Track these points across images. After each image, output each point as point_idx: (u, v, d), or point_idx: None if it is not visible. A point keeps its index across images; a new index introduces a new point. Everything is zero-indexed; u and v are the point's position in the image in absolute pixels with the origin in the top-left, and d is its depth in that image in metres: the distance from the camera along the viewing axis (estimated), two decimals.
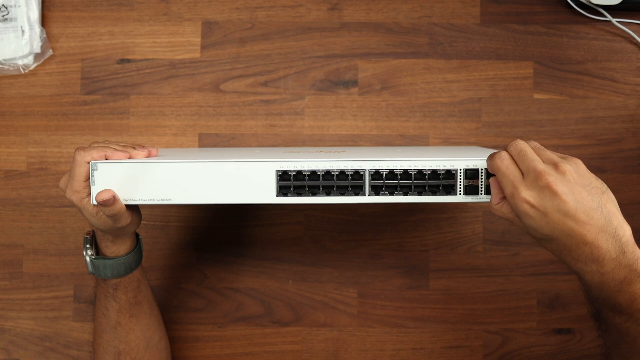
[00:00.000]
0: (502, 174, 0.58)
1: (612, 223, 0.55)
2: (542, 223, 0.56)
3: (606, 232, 0.55)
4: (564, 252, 0.57)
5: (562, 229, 0.55)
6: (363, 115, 0.93)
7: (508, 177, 0.58)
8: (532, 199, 0.56)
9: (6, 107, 0.94)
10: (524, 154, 0.58)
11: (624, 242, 0.55)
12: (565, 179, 0.55)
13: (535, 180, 0.56)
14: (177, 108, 0.93)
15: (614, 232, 0.55)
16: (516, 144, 0.59)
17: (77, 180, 0.64)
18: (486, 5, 0.94)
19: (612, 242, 0.55)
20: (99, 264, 0.71)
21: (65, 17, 0.95)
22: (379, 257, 0.92)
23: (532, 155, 0.58)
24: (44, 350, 0.92)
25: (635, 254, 0.55)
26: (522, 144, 0.59)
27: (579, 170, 0.57)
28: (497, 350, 0.90)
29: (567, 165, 0.56)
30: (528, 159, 0.57)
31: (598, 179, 0.58)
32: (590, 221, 0.55)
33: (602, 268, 0.55)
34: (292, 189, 0.64)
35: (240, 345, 0.91)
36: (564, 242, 0.56)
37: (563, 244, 0.56)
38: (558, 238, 0.56)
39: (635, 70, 0.92)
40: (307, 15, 0.94)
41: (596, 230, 0.55)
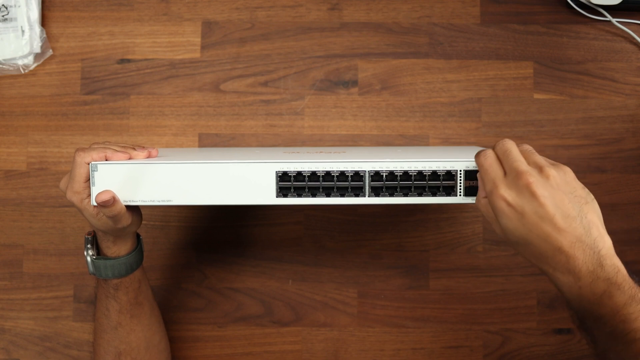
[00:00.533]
0: (485, 171, 0.58)
1: (592, 234, 0.54)
2: (519, 224, 0.55)
3: (584, 243, 0.53)
4: (540, 258, 0.55)
5: (538, 233, 0.54)
6: (363, 115, 0.93)
7: (489, 174, 0.57)
8: (510, 197, 0.55)
9: (6, 107, 0.94)
10: (509, 153, 0.57)
11: (603, 255, 0.53)
12: (547, 183, 0.55)
13: (515, 179, 0.55)
14: (177, 108, 0.93)
15: (592, 244, 0.53)
16: (503, 143, 0.59)
17: (77, 182, 0.64)
18: (486, 5, 0.94)
19: (589, 253, 0.53)
20: (100, 264, 0.71)
21: (65, 17, 0.95)
22: (379, 257, 0.92)
23: (517, 156, 0.57)
24: (44, 350, 0.92)
25: (615, 266, 0.53)
26: (509, 144, 0.58)
27: (565, 178, 0.56)
28: (497, 350, 0.90)
29: (552, 170, 0.55)
30: (512, 158, 0.57)
31: (585, 189, 0.57)
32: (567, 229, 0.53)
33: (579, 280, 0.53)
34: (292, 190, 0.64)
35: (240, 345, 0.91)
36: (540, 247, 0.54)
37: (539, 250, 0.54)
38: (533, 242, 0.54)
39: (635, 70, 0.92)
40: (307, 15, 0.94)
41: (573, 239, 0.53)
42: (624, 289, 0.52)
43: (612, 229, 0.90)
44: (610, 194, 0.91)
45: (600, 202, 0.90)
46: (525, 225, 0.54)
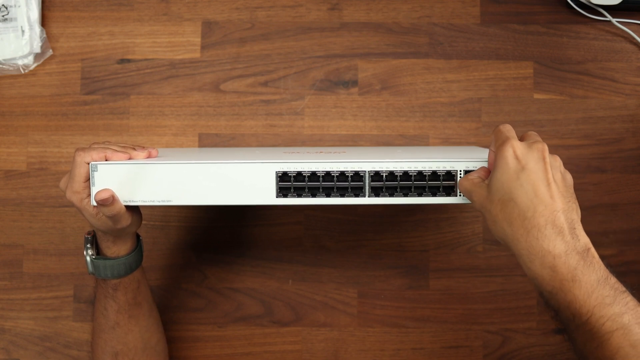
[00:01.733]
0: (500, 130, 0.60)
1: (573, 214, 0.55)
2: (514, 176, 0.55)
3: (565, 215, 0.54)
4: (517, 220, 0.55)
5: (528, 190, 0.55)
6: (363, 115, 0.93)
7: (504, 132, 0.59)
8: (520, 151, 0.56)
9: (6, 107, 0.94)
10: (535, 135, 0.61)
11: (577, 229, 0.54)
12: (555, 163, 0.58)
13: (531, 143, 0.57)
14: (177, 108, 0.93)
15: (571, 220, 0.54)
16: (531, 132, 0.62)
17: (77, 181, 0.64)
18: (486, 5, 0.93)
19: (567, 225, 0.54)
20: (99, 264, 0.71)
21: (65, 17, 0.95)
22: (379, 257, 0.92)
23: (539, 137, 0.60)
24: (44, 350, 0.92)
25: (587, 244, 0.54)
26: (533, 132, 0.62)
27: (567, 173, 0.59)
28: (497, 350, 0.90)
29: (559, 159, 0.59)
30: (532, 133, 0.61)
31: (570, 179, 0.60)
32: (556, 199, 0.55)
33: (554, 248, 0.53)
34: (292, 190, 0.64)
35: (240, 345, 0.91)
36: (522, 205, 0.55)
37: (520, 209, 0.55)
38: (518, 199, 0.55)
39: (635, 70, 0.92)
40: (307, 15, 0.94)
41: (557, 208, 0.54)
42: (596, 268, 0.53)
43: (612, 229, 0.91)
44: (610, 194, 0.91)
45: (600, 202, 0.91)
46: (520, 178, 0.55)
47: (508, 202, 0.56)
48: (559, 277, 0.53)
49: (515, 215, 0.55)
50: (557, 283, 0.53)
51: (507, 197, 0.56)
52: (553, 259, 0.53)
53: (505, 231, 0.56)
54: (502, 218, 0.56)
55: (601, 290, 0.52)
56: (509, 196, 0.56)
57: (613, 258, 0.90)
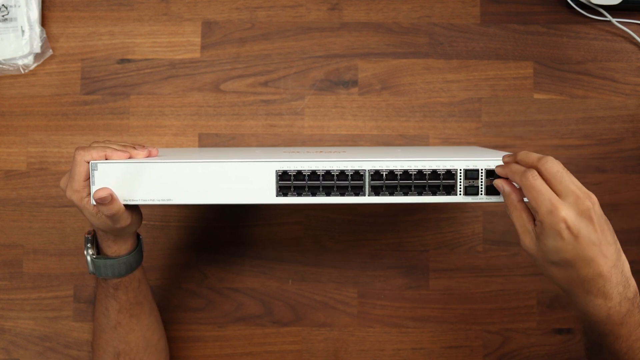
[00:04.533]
0: (538, 192, 0.57)
1: (621, 259, 0.57)
2: (570, 247, 0.56)
3: (617, 267, 0.57)
4: (576, 281, 0.57)
5: (584, 257, 0.56)
6: (363, 115, 0.93)
7: (544, 194, 0.57)
8: (570, 219, 0.55)
9: (6, 107, 0.94)
10: (562, 175, 0.57)
11: (628, 277, 0.57)
12: (596, 209, 0.57)
13: (576, 203, 0.56)
14: (177, 108, 0.93)
15: (622, 267, 0.57)
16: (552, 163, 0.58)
17: (77, 180, 0.64)
18: (486, 5, 0.94)
19: (620, 277, 0.57)
20: (100, 264, 0.71)
21: (65, 17, 0.95)
22: (379, 257, 0.92)
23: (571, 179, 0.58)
24: (44, 350, 0.92)
25: (634, 287, 0.58)
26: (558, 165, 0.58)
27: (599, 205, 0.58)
28: (497, 350, 0.90)
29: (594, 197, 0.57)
30: (567, 180, 0.57)
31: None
32: (608, 254, 0.56)
33: (610, 302, 0.56)
34: (292, 189, 0.64)
35: (240, 345, 0.91)
36: (580, 270, 0.56)
37: (578, 273, 0.56)
38: (576, 265, 0.56)
39: (635, 70, 0.92)
40: (307, 15, 0.94)
41: (611, 264, 0.56)
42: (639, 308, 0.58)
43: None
44: (610, 194, 0.91)
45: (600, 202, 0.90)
46: (576, 248, 0.56)
47: (566, 267, 0.57)
48: (610, 324, 0.57)
49: (575, 278, 0.57)
50: (609, 327, 0.58)
51: (564, 263, 0.57)
52: (608, 310, 0.57)
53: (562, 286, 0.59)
54: (559, 277, 0.58)
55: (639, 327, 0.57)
56: (567, 263, 0.57)
57: None
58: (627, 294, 0.57)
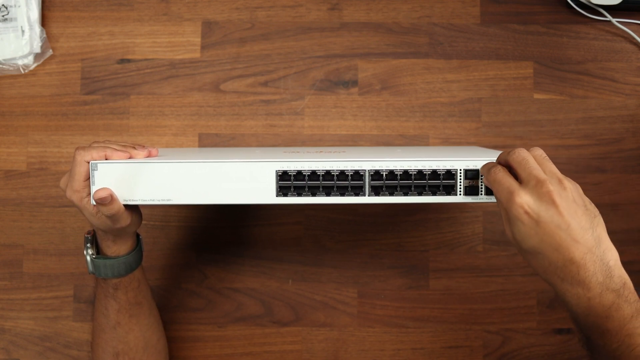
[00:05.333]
0: (499, 183, 0.57)
1: (601, 246, 0.55)
2: (532, 232, 0.55)
3: (594, 254, 0.54)
4: (549, 269, 0.55)
5: (551, 242, 0.54)
6: (363, 115, 0.93)
7: (503, 184, 0.57)
8: (528, 204, 0.55)
9: (6, 107, 0.94)
10: (526, 162, 0.57)
11: (611, 267, 0.54)
12: (565, 194, 0.55)
13: (535, 187, 0.55)
14: (177, 108, 0.93)
15: (602, 255, 0.54)
16: (518, 152, 0.58)
17: (77, 180, 0.64)
18: (486, 5, 0.94)
19: (599, 265, 0.54)
20: (99, 264, 0.71)
21: (65, 17, 0.95)
22: (379, 257, 0.92)
23: (534, 164, 0.57)
24: (44, 350, 0.92)
25: (622, 278, 0.54)
26: (524, 153, 0.58)
27: (578, 191, 0.57)
28: (497, 350, 0.90)
29: (568, 182, 0.56)
30: (529, 166, 0.57)
31: (592, 204, 0.57)
32: (581, 240, 0.54)
33: (588, 292, 0.54)
34: (292, 189, 0.64)
35: (240, 345, 0.91)
36: (551, 257, 0.54)
37: (549, 260, 0.55)
38: (545, 252, 0.55)
39: (635, 70, 0.92)
40: (307, 15, 0.94)
41: (585, 250, 0.54)
42: (631, 302, 0.54)
43: (612, 229, 0.90)
44: (610, 194, 0.91)
45: (600, 202, 0.91)
46: (539, 233, 0.54)
47: (536, 254, 0.56)
48: (593, 315, 0.54)
49: (547, 265, 0.55)
50: (591, 319, 0.54)
51: (533, 250, 0.55)
52: (588, 301, 0.54)
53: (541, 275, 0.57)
54: (535, 266, 0.57)
55: (634, 323, 0.53)
56: (535, 250, 0.55)
57: None
58: (609, 285, 0.53)
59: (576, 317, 0.56)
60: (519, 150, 0.59)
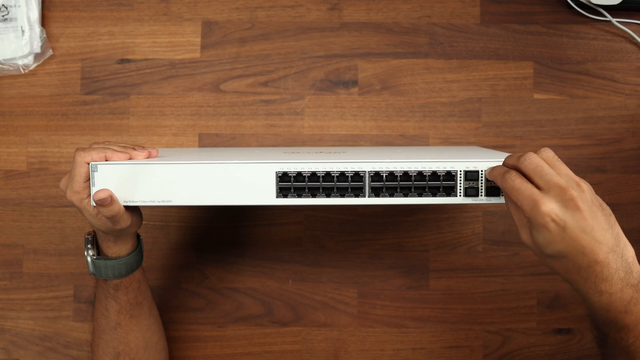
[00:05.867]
0: (518, 191, 0.57)
1: (620, 243, 0.56)
2: (558, 238, 0.55)
3: (615, 252, 0.55)
4: (572, 270, 0.56)
5: (576, 246, 0.55)
6: (363, 115, 0.93)
7: (524, 193, 0.57)
8: (554, 212, 0.55)
9: (6, 107, 0.94)
10: (541, 169, 0.57)
11: (630, 262, 0.56)
12: (584, 196, 0.56)
13: (559, 194, 0.55)
14: (177, 108, 0.93)
15: (621, 252, 0.56)
16: (530, 159, 0.58)
17: (77, 181, 0.64)
18: (486, 5, 0.93)
19: (620, 262, 0.55)
20: (100, 265, 0.71)
21: (65, 17, 0.95)
22: (379, 257, 0.92)
23: (550, 170, 0.57)
24: (44, 350, 0.92)
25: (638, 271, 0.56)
26: (536, 158, 0.58)
27: (592, 191, 0.58)
28: (497, 350, 0.90)
29: (585, 184, 0.57)
30: (547, 173, 0.57)
31: (604, 202, 0.58)
32: (603, 240, 0.55)
33: (610, 288, 0.55)
34: (292, 191, 0.64)
35: (240, 345, 0.92)
36: (575, 260, 0.56)
37: (573, 262, 0.56)
38: (569, 255, 0.56)
39: (635, 70, 0.92)
40: (307, 15, 0.94)
41: (607, 250, 0.55)
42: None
43: None
44: (610, 194, 0.91)
45: None
46: (565, 239, 0.55)
47: (560, 258, 0.57)
48: (613, 311, 0.56)
49: (571, 267, 0.56)
50: (612, 315, 0.56)
51: (558, 254, 0.56)
52: (609, 297, 0.55)
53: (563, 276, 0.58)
54: (558, 268, 0.58)
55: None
56: (560, 254, 0.56)
57: None
58: (629, 280, 0.55)
59: (596, 313, 0.58)
60: (530, 157, 0.58)
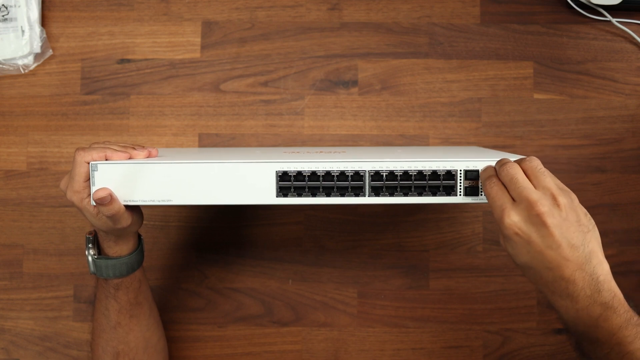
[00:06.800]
0: (492, 199, 0.59)
1: (592, 262, 0.56)
2: (524, 251, 0.56)
3: (584, 271, 0.55)
4: (540, 282, 0.57)
5: (542, 261, 0.55)
6: (363, 115, 0.93)
7: (496, 201, 0.58)
8: (518, 226, 0.56)
9: (6, 107, 0.94)
10: (515, 181, 0.57)
11: (601, 281, 0.55)
12: (557, 212, 0.56)
13: (526, 209, 0.56)
14: (177, 108, 0.93)
15: (592, 271, 0.55)
16: (507, 169, 0.58)
17: (77, 181, 0.64)
18: (486, 5, 0.94)
19: (588, 280, 0.55)
20: (101, 264, 0.71)
21: (65, 17, 0.95)
22: (379, 257, 0.92)
23: (524, 182, 0.57)
24: (44, 350, 0.92)
25: (612, 291, 0.55)
26: (513, 169, 0.58)
27: (572, 204, 0.57)
28: (497, 350, 0.90)
29: (563, 198, 0.56)
30: (519, 186, 0.57)
31: (587, 215, 0.58)
32: (571, 258, 0.55)
33: (576, 304, 0.55)
34: (292, 190, 0.64)
35: (240, 345, 0.91)
36: (541, 273, 0.56)
37: (540, 275, 0.57)
38: (536, 268, 0.56)
39: (635, 70, 0.92)
40: (307, 15, 0.94)
41: (575, 267, 0.55)
42: (620, 313, 0.55)
43: (612, 229, 0.90)
44: (610, 194, 0.91)
45: (600, 202, 0.91)
46: (530, 252, 0.56)
47: (528, 269, 0.57)
48: (582, 324, 0.56)
49: (538, 279, 0.57)
50: (581, 328, 0.57)
51: (525, 265, 0.57)
52: (576, 312, 0.56)
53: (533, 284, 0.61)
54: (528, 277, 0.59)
55: (623, 332, 0.54)
56: (527, 265, 0.57)
57: (613, 258, 0.90)
58: (597, 298, 0.55)
59: (565, 323, 0.59)
60: (508, 167, 0.59)
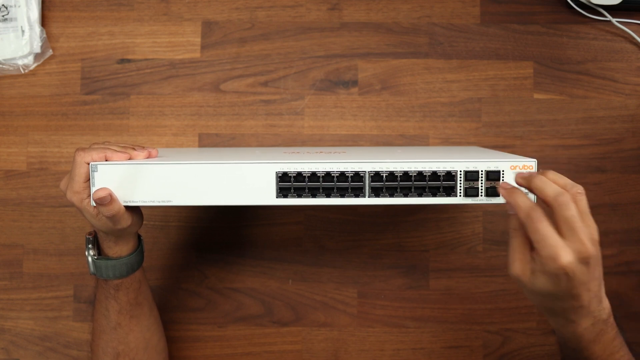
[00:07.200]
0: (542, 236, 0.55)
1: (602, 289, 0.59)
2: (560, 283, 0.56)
3: (597, 297, 0.58)
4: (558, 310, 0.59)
5: (571, 293, 0.56)
6: (363, 115, 0.93)
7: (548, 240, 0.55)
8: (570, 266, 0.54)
9: (6, 107, 0.94)
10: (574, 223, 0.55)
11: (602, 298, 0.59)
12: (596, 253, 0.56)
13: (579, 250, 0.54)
14: (177, 108, 0.93)
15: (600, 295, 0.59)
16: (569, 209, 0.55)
17: (77, 182, 0.64)
18: (486, 5, 0.93)
19: (596, 301, 0.58)
20: (101, 265, 0.71)
21: (65, 17, 0.95)
22: (379, 257, 0.92)
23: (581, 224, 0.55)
24: (44, 350, 0.92)
25: (607, 307, 0.59)
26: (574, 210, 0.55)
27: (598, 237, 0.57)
28: (497, 350, 0.90)
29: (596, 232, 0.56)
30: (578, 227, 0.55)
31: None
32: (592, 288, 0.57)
33: (585, 323, 0.58)
34: (292, 191, 0.64)
35: (240, 345, 0.92)
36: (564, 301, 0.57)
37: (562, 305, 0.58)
38: (561, 297, 0.57)
39: (635, 70, 0.92)
40: (307, 15, 0.94)
41: (592, 296, 0.57)
42: (613, 326, 0.60)
43: (612, 229, 0.91)
44: (610, 194, 0.91)
45: (601, 202, 0.91)
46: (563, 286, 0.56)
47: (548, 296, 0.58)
48: (584, 341, 0.60)
49: (557, 308, 0.59)
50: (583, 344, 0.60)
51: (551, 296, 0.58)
52: (583, 330, 0.59)
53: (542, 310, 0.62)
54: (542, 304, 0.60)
55: (613, 342, 0.60)
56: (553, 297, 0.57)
57: (613, 258, 0.90)
58: (600, 316, 0.59)
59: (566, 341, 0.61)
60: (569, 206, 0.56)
